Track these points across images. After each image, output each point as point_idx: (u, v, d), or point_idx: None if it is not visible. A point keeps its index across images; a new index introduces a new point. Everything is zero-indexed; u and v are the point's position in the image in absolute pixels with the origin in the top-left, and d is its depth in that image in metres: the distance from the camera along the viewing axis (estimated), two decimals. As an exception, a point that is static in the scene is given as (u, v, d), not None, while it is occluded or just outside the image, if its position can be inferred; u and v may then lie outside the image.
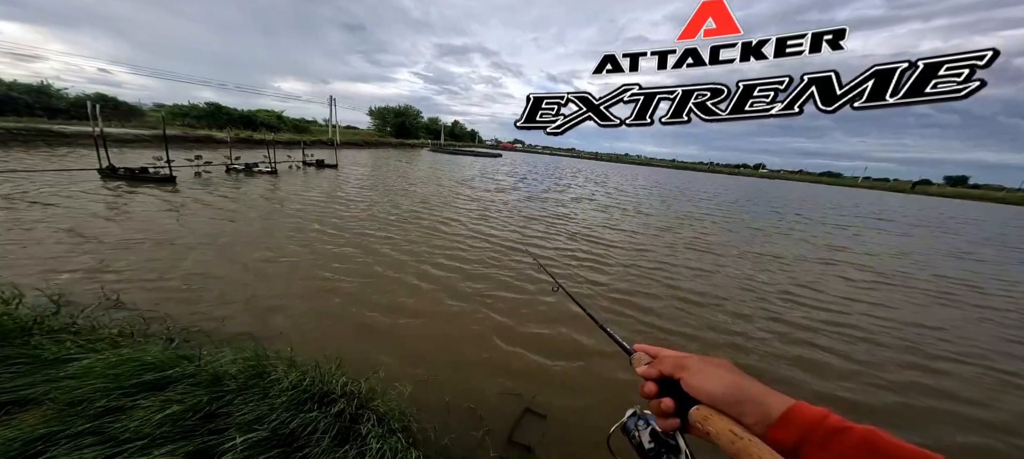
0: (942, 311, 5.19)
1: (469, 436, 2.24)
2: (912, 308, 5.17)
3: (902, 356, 3.72)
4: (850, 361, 3.54)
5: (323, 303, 3.79)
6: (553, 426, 2.40)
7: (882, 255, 8.63)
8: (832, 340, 3.95)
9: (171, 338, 2.56)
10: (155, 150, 13.31)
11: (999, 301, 5.84)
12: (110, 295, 3.33)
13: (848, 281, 6.19)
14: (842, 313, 4.72)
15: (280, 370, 2.09)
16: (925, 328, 4.46)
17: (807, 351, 3.67)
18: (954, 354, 3.86)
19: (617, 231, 8.75)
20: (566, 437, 2.32)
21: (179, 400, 1.63)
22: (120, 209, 6.76)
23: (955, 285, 6.54)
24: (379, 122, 66.65)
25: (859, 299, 5.30)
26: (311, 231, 6.35)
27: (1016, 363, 3.78)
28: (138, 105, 34.04)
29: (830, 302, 5.09)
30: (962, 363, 3.69)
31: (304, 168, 16.73)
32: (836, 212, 18.15)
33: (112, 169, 10.01)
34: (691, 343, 3.70)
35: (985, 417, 2.89)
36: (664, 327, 3.94)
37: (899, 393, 3.09)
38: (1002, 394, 3.21)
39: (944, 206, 33.40)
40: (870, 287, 5.95)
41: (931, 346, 4.00)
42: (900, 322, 4.58)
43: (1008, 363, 3.76)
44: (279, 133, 32.37)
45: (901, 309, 5.07)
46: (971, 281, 6.90)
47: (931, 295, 5.86)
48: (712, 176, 64.46)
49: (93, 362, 1.79)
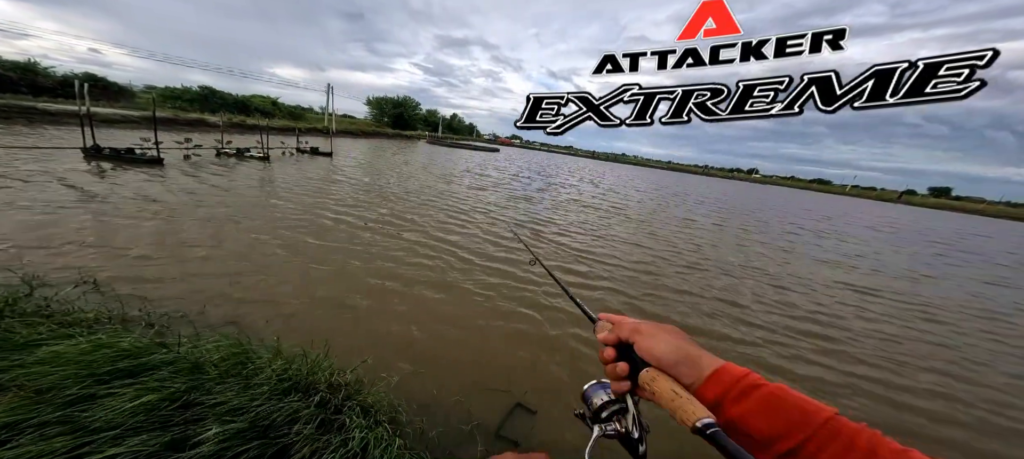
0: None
1: (457, 430, 2.22)
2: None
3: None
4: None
5: (311, 291, 3.72)
6: (543, 422, 2.38)
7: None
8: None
9: (150, 323, 2.49)
10: (144, 132, 12.98)
11: None
12: (87, 278, 3.23)
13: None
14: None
15: (264, 359, 2.04)
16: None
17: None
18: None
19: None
20: (556, 434, 2.31)
21: (155, 388, 1.58)
22: (102, 190, 6.57)
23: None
24: (376, 112, 65.90)
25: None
26: (299, 217, 6.24)
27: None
28: (128, 86, 33.14)
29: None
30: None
31: (298, 155, 16.46)
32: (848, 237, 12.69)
33: (97, 149, 9.72)
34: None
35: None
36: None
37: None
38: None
39: (952, 220, 32.41)
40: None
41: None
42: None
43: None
44: (273, 119, 31.81)
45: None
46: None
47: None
48: (708, 180, 64.98)
49: (66, 347, 1.72)
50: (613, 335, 0.53)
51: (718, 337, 3.90)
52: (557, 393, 2.68)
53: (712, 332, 3.99)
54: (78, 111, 9.92)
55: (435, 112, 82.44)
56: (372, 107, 66.53)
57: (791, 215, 18.40)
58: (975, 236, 19.61)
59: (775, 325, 4.35)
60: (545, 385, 2.75)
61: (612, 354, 0.53)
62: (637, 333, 0.51)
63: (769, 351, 3.73)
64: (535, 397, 2.57)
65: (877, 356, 3.88)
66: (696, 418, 0.39)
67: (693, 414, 0.40)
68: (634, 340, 0.51)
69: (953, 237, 17.48)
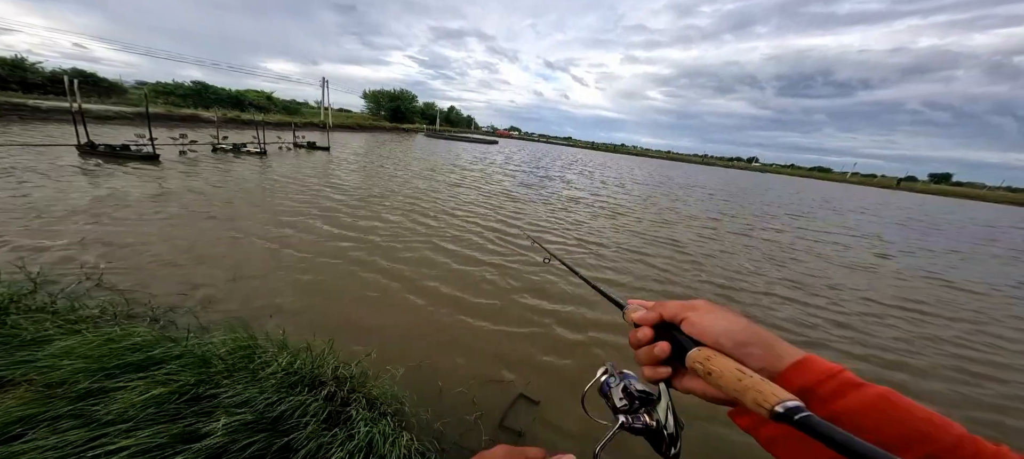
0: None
1: (462, 421, 2.25)
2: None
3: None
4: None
5: (315, 285, 3.74)
6: (546, 412, 2.42)
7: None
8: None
9: (156, 319, 2.50)
10: (137, 128, 12.83)
11: None
12: (91, 275, 3.23)
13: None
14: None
15: (271, 353, 2.06)
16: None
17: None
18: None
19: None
20: (559, 423, 2.35)
21: (164, 382, 1.60)
22: (100, 187, 6.53)
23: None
24: (373, 105, 65.19)
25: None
26: (300, 211, 6.23)
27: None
28: (119, 81, 32.62)
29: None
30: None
31: (295, 150, 16.35)
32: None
33: (91, 145, 9.64)
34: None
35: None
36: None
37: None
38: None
39: (960, 208, 32.02)
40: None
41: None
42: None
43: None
44: (269, 114, 31.44)
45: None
46: None
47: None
48: (706, 168, 64.74)
49: (74, 343, 1.74)
50: (653, 313, 0.46)
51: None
52: (560, 384, 2.71)
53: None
54: (70, 108, 9.79)
55: (432, 105, 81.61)
56: (368, 100, 65.78)
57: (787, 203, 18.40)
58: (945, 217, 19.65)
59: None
60: (548, 376, 2.78)
61: (649, 335, 0.46)
62: (691, 309, 0.44)
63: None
64: (538, 388, 2.61)
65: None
66: (777, 400, 0.31)
67: (773, 395, 0.32)
68: (685, 317, 0.43)
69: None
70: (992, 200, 56.56)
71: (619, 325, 3.68)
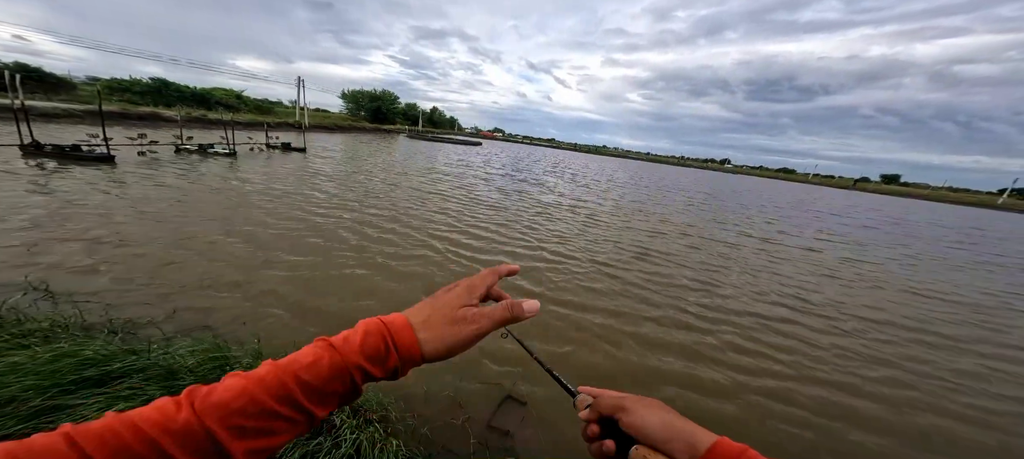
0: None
1: (449, 424, 2.23)
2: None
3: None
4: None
5: (288, 291, 3.58)
6: (534, 412, 2.43)
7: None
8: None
9: (114, 330, 2.33)
10: (89, 127, 11.91)
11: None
12: (37, 285, 2.97)
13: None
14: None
15: (245, 362, 1.96)
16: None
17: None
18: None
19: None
20: (546, 422, 2.37)
21: (128, 396, 1.49)
22: (47, 190, 6.01)
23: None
24: (352, 105, 63.49)
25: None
26: (272, 214, 5.97)
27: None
28: (68, 77, 30.12)
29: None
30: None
31: (268, 151, 15.65)
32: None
33: (37, 145, 8.86)
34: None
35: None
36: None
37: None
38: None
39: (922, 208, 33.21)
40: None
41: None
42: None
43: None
44: (238, 114, 29.93)
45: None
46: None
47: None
48: (683, 169, 67.15)
49: (22, 358, 1.59)
50: (594, 411, 0.52)
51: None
52: (546, 384, 2.73)
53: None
54: (11, 105, 8.96)
55: (415, 105, 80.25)
56: (347, 100, 64.03)
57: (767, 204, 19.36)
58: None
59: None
60: (534, 376, 2.80)
61: (596, 431, 0.51)
62: (621, 409, 0.49)
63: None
64: (525, 388, 2.62)
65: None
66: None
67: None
68: (618, 416, 0.49)
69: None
70: (936, 199, 61.75)
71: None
